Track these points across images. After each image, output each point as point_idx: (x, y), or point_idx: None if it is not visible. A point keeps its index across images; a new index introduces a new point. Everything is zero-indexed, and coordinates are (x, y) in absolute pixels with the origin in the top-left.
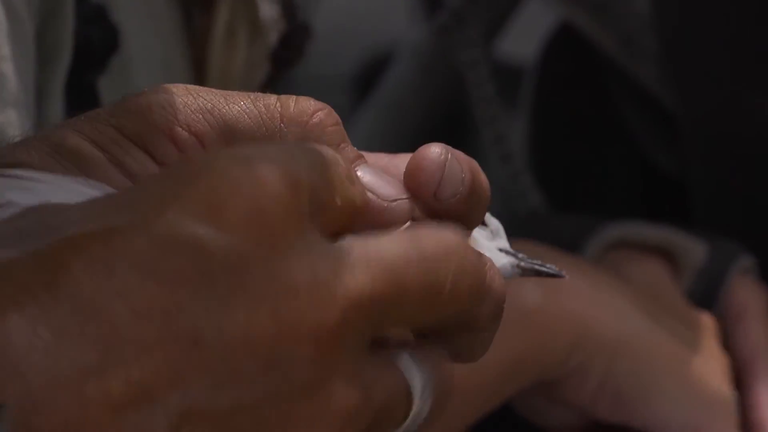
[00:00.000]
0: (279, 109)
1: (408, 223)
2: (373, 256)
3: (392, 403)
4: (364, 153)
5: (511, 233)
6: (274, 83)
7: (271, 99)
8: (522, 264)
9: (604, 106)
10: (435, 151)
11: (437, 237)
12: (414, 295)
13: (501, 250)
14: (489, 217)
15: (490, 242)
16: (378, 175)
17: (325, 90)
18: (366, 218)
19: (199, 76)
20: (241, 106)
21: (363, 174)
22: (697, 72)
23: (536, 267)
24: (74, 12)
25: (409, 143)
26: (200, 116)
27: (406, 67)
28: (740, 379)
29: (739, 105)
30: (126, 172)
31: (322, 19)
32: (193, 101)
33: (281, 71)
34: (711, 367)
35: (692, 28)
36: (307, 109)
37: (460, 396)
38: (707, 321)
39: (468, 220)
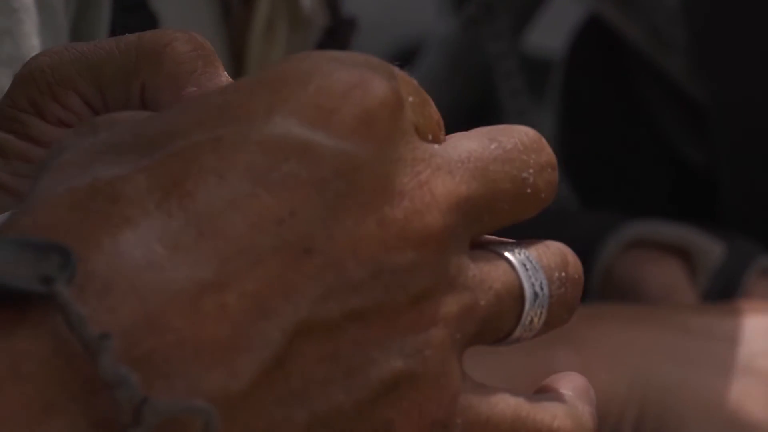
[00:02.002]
0: (135, 44)
1: None
2: (463, 156)
3: (502, 305)
4: None
5: (532, 231)
6: None
7: (132, 36)
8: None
9: (632, 98)
10: None
11: (512, 132)
12: (503, 192)
13: None
14: None
15: None
16: None
17: None
18: None
19: (238, 68)
20: (106, 49)
21: None
22: (727, 65)
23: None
24: (112, 1)
25: None
26: (72, 68)
27: (435, 59)
28: None
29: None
30: (33, 141)
31: (351, 12)
32: (68, 55)
33: None
34: (749, 390)
35: (722, 19)
36: (161, 38)
37: None
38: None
39: None
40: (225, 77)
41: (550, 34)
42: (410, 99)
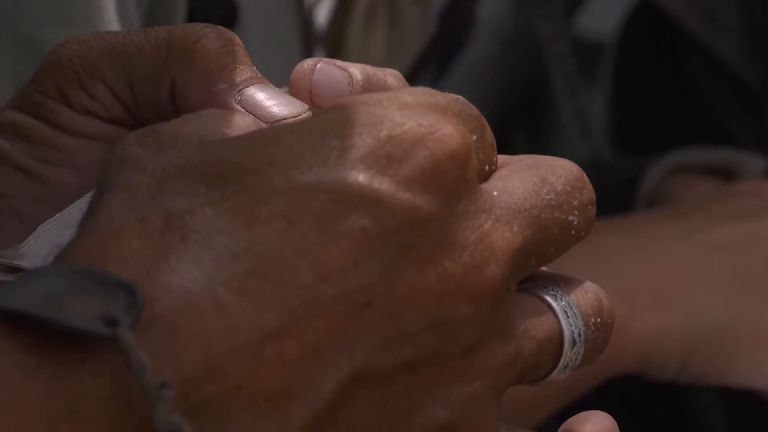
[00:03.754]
0: (165, 40)
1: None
2: (519, 203)
3: (543, 352)
4: None
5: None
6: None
7: (161, 31)
8: None
9: (684, 81)
10: (306, 62)
11: (560, 170)
12: (552, 237)
13: None
14: None
15: None
16: (273, 93)
17: None
18: None
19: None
20: (135, 42)
21: (255, 92)
22: None
23: None
24: None
25: (488, 118)
26: (101, 60)
27: (486, 41)
28: None
29: None
30: (60, 129)
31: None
32: (96, 45)
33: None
34: None
35: None
36: (191, 35)
37: (531, 396)
38: None
39: None
40: (254, 73)
41: (603, 16)
42: (473, 138)
